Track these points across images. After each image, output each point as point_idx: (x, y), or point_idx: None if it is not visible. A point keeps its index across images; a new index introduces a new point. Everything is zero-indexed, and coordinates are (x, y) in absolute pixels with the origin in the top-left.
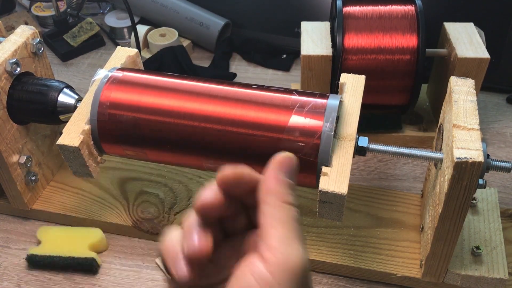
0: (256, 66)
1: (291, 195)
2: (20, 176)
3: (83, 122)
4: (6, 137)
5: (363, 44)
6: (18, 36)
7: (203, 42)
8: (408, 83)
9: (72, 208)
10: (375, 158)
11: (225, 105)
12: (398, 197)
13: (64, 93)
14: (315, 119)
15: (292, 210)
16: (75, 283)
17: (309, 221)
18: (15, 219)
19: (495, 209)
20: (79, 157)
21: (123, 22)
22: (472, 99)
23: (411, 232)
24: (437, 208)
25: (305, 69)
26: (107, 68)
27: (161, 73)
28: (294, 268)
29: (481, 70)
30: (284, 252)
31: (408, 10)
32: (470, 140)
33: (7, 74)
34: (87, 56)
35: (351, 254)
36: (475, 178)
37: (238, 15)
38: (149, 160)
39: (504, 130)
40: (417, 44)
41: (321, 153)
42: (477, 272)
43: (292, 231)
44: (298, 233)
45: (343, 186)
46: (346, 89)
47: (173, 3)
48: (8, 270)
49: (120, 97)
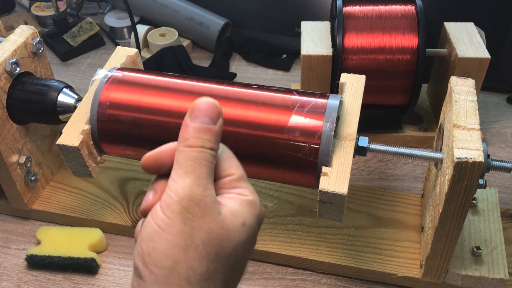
0: (256, 66)
1: (197, 138)
2: (20, 176)
3: (82, 122)
4: (6, 137)
5: (363, 44)
6: (17, 36)
7: (203, 42)
8: (408, 83)
9: (72, 208)
10: (375, 158)
11: (225, 105)
12: (398, 197)
13: (64, 93)
14: (315, 119)
15: (194, 151)
16: (75, 283)
17: (309, 221)
18: (15, 219)
19: (496, 209)
20: (78, 157)
21: (123, 22)
22: (472, 99)
23: (411, 232)
24: (438, 208)
25: (305, 69)
26: (107, 68)
27: (161, 73)
28: (179, 200)
29: (482, 70)
30: (172, 189)
31: (408, 10)
32: (470, 140)
33: (7, 74)
34: (87, 56)
35: (351, 254)
36: (476, 178)
37: (238, 15)
38: None
39: (505, 130)
40: (418, 44)
41: (321, 153)
42: (477, 272)
43: (186, 168)
44: (193, 170)
45: (343, 186)
46: (346, 89)
47: (173, 3)
48: (7, 270)
49: (120, 97)
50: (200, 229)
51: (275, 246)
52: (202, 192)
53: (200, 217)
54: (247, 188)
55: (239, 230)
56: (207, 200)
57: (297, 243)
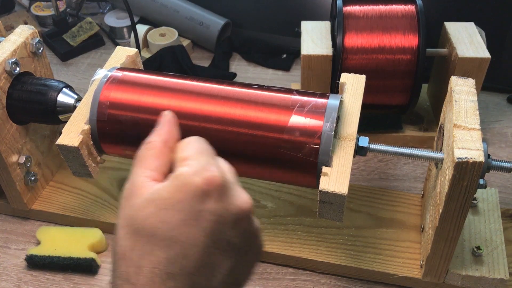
0: (256, 66)
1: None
2: (20, 176)
3: (82, 122)
4: (6, 137)
5: (363, 44)
6: (17, 36)
7: (203, 42)
8: (409, 83)
9: (72, 208)
10: (375, 158)
11: (225, 105)
12: (399, 197)
13: (64, 93)
14: (316, 119)
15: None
16: (75, 284)
17: (309, 221)
18: (15, 219)
19: (496, 209)
20: (78, 157)
21: (123, 22)
22: (472, 99)
23: (412, 232)
24: (438, 208)
25: (305, 69)
26: (107, 68)
27: (161, 73)
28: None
29: (482, 70)
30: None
31: (408, 10)
32: (470, 140)
33: (7, 74)
34: (87, 56)
35: (351, 254)
36: (476, 178)
37: (238, 15)
38: None
39: (505, 130)
40: (418, 44)
41: (321, 153)
42: (477, 273)
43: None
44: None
45: (344, 186)
46: (347, 89)
47: (173, 3)
48: (7, 271)
49: (120, 97)
50: (123, 208)
51: (275, 246)
52: (135, 178)
53: (128, 199)
54: (186, 165)
55: (145, 205)
56: (135, 182)
57: (297, 243)
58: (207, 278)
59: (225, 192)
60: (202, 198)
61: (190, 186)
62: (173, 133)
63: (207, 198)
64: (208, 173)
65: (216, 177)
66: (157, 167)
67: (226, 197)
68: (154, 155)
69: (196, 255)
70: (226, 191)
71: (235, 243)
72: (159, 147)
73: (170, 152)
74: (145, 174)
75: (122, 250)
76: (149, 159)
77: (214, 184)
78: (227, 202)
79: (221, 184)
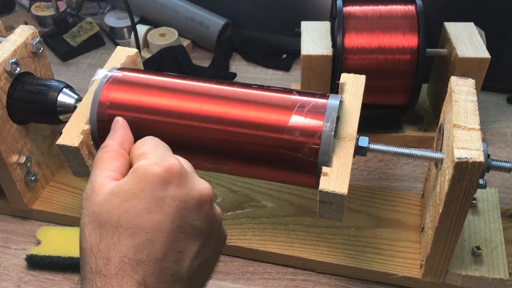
0: (256, 66)
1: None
2: (20, 176)
3: (82, 122)
4: (6, 137)
5: (363, 44)
6: (17, 36)
7: (203, 42)
8: (409, 83)
9: (72, 208)
10: (375, 158)
11: (225, 105)
12: (399, 197)
13: (64, 93)
14: (315, 119)
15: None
16: (75, 284)
17: (309, 221)
18: (15, 219)
19: (496, 209)
20: (78, 157)
21: (123, 22)
22: (472, 99)
23: (412, 232)
24: (438, 208)
25: (305, 69)
26: (107, 68)
27: (161, 73)
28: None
29: (482, 70)
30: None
31: (408, 10)
32: (470, 140)
33: (7, 74)
34: (87, 56)
35: (351, 254)
36: (476, 178)
37: (238, 15)
38: None
39: (505, 130)
40: (418, 44)
41: (321, 153)
42: (477, 272)
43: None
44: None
45: (343, 186)
46: (346, 89)
47: (173, 3)
48: (7, 271)
49: (120, 97)
50: (86, 207)
51: (275, 246)
52: (95, 179)
53: (89, 198)
54: (144, 158)
55: (107, 200)
56: (95, 183)
57: (297, 243)
58: (175, 263)
59: (185, 178)
60: (163, 185)
61: (150, 176)
62: (127, 136)
63: (168, 185)
64: (166, 163)
65: (175, 164)
66: (116, 168)
67: (186, 182)
68: (111, 157)
69: (162, 240)
70: (186, 178)
71: (199, 227)
72: (116, 149)
73: (127, 154)
74: (104, 175)
75: (89, 246)
76: (107, 161)
77: (173, 171)
78: (188, 187)
79: (180, 171)
